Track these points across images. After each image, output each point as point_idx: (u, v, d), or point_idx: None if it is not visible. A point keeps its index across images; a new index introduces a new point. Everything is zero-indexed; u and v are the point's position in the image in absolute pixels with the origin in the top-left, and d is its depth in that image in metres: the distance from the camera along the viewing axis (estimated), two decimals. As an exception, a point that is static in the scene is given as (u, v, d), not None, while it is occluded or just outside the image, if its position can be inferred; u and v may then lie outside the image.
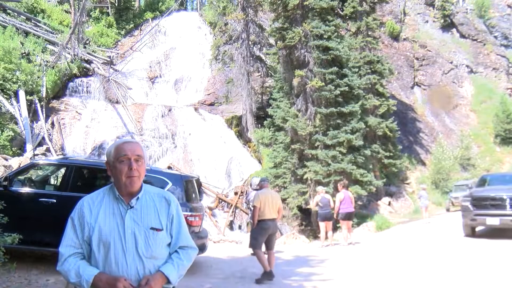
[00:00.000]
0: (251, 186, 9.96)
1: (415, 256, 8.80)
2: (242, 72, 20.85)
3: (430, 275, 6.78)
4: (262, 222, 6.73)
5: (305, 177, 15.09)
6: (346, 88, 15.23)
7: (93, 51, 23.08)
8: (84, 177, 6.97)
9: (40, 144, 15.89)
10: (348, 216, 11.03)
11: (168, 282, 2.00)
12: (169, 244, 2.08)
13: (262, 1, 20.80)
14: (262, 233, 6.76)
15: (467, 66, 31.49)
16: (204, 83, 24.43)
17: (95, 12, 27.71)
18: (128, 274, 1.94)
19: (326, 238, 11.23)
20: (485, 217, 10.13)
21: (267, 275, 6.55)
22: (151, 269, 1.99)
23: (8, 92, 16.12)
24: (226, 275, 7.16)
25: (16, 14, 22.73)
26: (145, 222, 2.00)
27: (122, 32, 28.40)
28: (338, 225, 12.70)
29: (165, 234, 2.05)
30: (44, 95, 17.95)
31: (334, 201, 11.30)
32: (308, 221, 15.98)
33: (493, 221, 10.00)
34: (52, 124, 17.56)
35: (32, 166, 7.27)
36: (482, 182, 11.93)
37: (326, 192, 11.90)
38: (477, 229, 11.12)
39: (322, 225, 11.24)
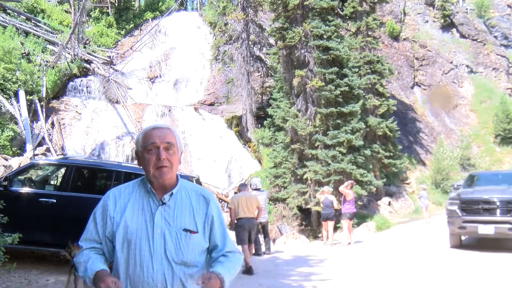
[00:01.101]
0: (250, 186, 10.00)
1: (415, 256, 8.80)
2: (242, 72, 20.85)
3: (429, 274, 6.78)
4: (238, 221, 7.83)
5: (305, 177, 15.09)
6: (346, 88, 15.23)
7: (93, 51, 23.08)
8: (84, 177, 6.98)
9: (40, 144, 15.89)
10: (350, 216, 11.13)
11: (222, 286, 1.70)
12: (205, 250, 1.83)
13: (262, 1, 20.79)
14: (240, 230, 7.75)
15: (467, 66, 31.47)
16: (204, 83, 24.43)
17: (95, 12, 27.69)
18: (154, 280, 1.70)
19: (328, 237, 11.36)
20: (476, 224, 8.41)
21: (248, 271, 6.99)
22: (182, 277, 1.73)
23: (8, 92, 16.12)
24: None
25: (16, 14, 22.72)
26: (178, 222, 1.75)
27: (122, 32, 28.38)
28: (338, 225, 12.72)
29: (201, 238, 1.78)
30: (44, 95, 17.95)
31: (338, 201, 11.50)
32: (308, 221, 15.98)
33: (487, 230, 8.34)
34: (52, 124, 17.56)
35: (32, 166, 7.27)
36: (470, 182, 10.14)
37: (332, 193, 12.00)
38: (462, 237, 9.49)
39: (324, 224, 11.44)
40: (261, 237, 9.93)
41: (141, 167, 1.81)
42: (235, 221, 7.83)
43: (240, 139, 20.77)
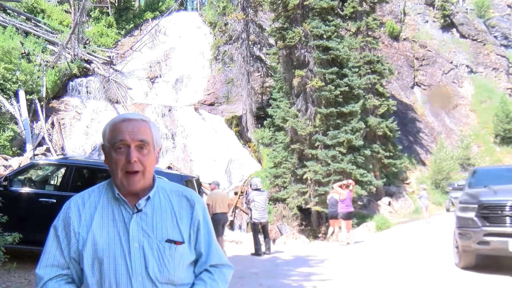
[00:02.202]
0: (250, 186, 10.01)
1: (415, 256, 8.80)
2: (242, 72, 20.85)
3: (429, 274, 6.78)
4: (215, 215, 8.76)
5: (305, 177, 15.10)
6: (346, 88, 15.24)
7: (93, 51, 23.08)
8: (84, 177, 6.98)
9: (40, 144, 15.89)
10: (348, 216, 11.12)
11: None
12: (192, 263, 1.51)
13: (262, 1, 20.80)
14: (216, 223, 8.56)
15: (467, 66, 31.48)
16: (204, 83, 24.43)
17: (95, 12, 27.70)
18: None
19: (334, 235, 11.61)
20: (506, 239, 5.94)
21: None
22: None
23: (8, 92, 16.13)
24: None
25: (16, 14, 22.73)
26: (159, 232, 1.42)
27: (122, 32, 28.39)
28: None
29: (187, 249, 1.46)
30: (44, 95, 17.95)
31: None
32: (308, 221, 15.98)
33: None
34: (52, 124, 17.56)
35: (32, 166, 7.27)
36: (477, 179, 7.72)
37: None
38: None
39: (331, 223, 11.73)
40: (261, 237, 9.93)
41: (107, 166, 1.47)
42: (212, 216, 8.66)
43: (240, 139, 20.77)
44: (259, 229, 9.84)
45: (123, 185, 1.43)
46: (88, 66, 21.60)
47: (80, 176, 6.80)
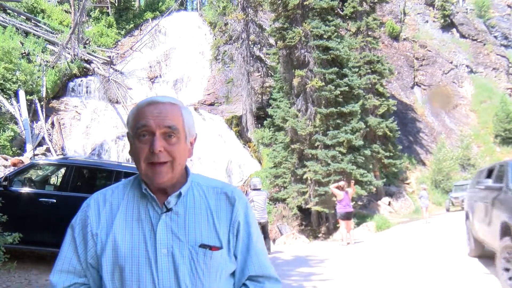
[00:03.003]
0: (250, 186, 10.00)
1: (415, 256, 8.80)
2: (242, 72, 20.86)
3: (429, 274, 6.78)
4: None
5: (305, 177, 15.10)
6: (346, 88, 15.24)
7: (93, 51, 23.09)
8: (84, 177, 6.98)
9: (40, 144, 15.89)
10: (347, 216, 11.13)
11: None
12: (233, 273, 1.27)
13: (262, 1, 20.81)
14: None
15: (467, 66, 31.50)
16: (204, 83, 24.44)
17: (95, 12, 27.72)
18: None
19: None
20: None
21: None
22: None
23: (8, 92, 16.13)
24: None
25: (16, 14, 22.73)
26: (192, 236, 1.20)
27: (122, 32, 28.41)
28: (337, 225, 12.76)
29: (226, 256, 1.23)
30: (44, 95, 17.95)
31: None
32: (308, 221, 15.99)
33: None
34: (52, 124, 17.57)
35: (32, 166, 7.27)
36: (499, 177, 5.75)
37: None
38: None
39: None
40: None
41: (132, 158, 1.25)
42: None
43: (240, 139, 20.78)
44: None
45: (148, 178, 1.21)
46: (88, 66, 21.60)
47: (80, 176, 6.80)
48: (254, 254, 1.27)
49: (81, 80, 21.00)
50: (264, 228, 9.98)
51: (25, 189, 6.56)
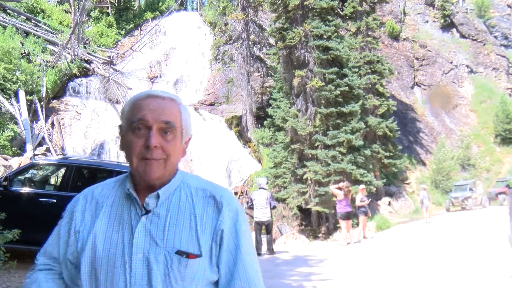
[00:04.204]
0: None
1: (415, 256, 8.80)
2: (242, 72, 20.85)
3: (429, 274, 6.78)
4: None
5: (305, 177, 15.10)
6: (346, 88, 15.24)
7: (93, 51, 23.09)
8: (84, 177, 6.98)
9: (40, 144, 15.89)
10: (347, 216, 11.16)
11: None
12: (215, 284, 1.17)
13: (262, 1, 20.80)
14: None
15: (467, 66, 31.50)
16: (204, 83, 24.44)
17: (95, 12, 27.72)
18: None
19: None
20: None
21: None
22: None
23: (8, 92, 16.13)
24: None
25: (16, 14, 22.73)
26: (170, 241, 1.12)
27: (122, 32, 28.41)
28: (337, 225, 12.76)
29: (206, 266, 1.13)
30: (44, 95, 17.96)
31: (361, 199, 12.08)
32: (308, 221, 15.99)
33: None
34: (52, 124, 17.57)
35: (32, 166, 7.28)
36: None
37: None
38: None
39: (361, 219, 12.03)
40: (263, 237, 9.99)
41: (124, 152, 1.17)
42: None
43: (240, 139, 20.78)
44: (262, 229, 9.88)
45: (139, 173, 1.14)
46: (88, 66, 21.61)
47: (80, 176, 6.81)
48: (241, 267, 1.15)
49: (81, 80, 21.00)
50: (267, 227, 10.01)
51: (25, 189, 6.56)
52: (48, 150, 15.79)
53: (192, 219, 1.14)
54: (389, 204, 19.24)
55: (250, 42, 21.05)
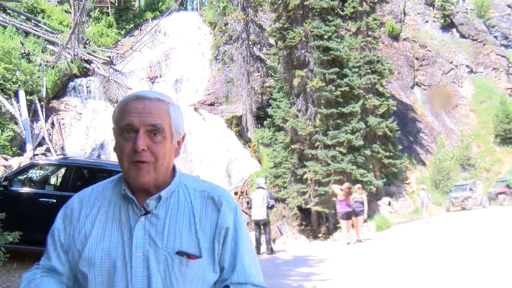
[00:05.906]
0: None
1: (415, 256, 8.80)
2: (242, 72, 20.85)
3: (429, 274, 6.78)
4: None
5: (305, 177, 15.10)
6: (346, 88, 15.24)
7: (93, 51, 23.09)
8: (84, 177, 6.98)
9: (40, 144, 15.89)
10: (347, 216, 11.18)
11: None
12: (215, 284, 1.19)
13: (262, 1, 20.80)
14: None
15: (467, 66, 31.50)
16: (204, 83, 24.44)
17: (95, 12, 27.72)
18: None
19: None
20: None
21: None
22: None
23: (8, 92, 16.13)
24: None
25: (16, 14, 22.73)
26: (170, 241, 1.13)
27: (122, 32, 28.42)
28: (337, 225, 12.76)
29: (207, 266, 1.15)
30: (44, 95, 17.95)
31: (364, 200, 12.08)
32: (308, 221, 15.99)
33: None
34: (52, 124, 17.57)
35: (32, 166, 7.27)
36: None
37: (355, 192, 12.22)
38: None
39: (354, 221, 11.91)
40: (263, 237, 10.00)
41: (116, 155, 1.19)
42: None
43: (240, 139, 20.78)
44: (260, 228, 9.90)
45: (130, 178, 1.15)
46: (88, 66, 21.61)
47: (80, 176, 6.81)
48: (240, 260, 1.18)
49: (81, 80, 21.00)
50: (264, 227, 10.02)
51: (25, 189, 6.56)
52: (48, 150, 15.79)
53: (192, 220, 1.16)
54: (389, 204, 19.25)
55: (250, 42, 21.05)
